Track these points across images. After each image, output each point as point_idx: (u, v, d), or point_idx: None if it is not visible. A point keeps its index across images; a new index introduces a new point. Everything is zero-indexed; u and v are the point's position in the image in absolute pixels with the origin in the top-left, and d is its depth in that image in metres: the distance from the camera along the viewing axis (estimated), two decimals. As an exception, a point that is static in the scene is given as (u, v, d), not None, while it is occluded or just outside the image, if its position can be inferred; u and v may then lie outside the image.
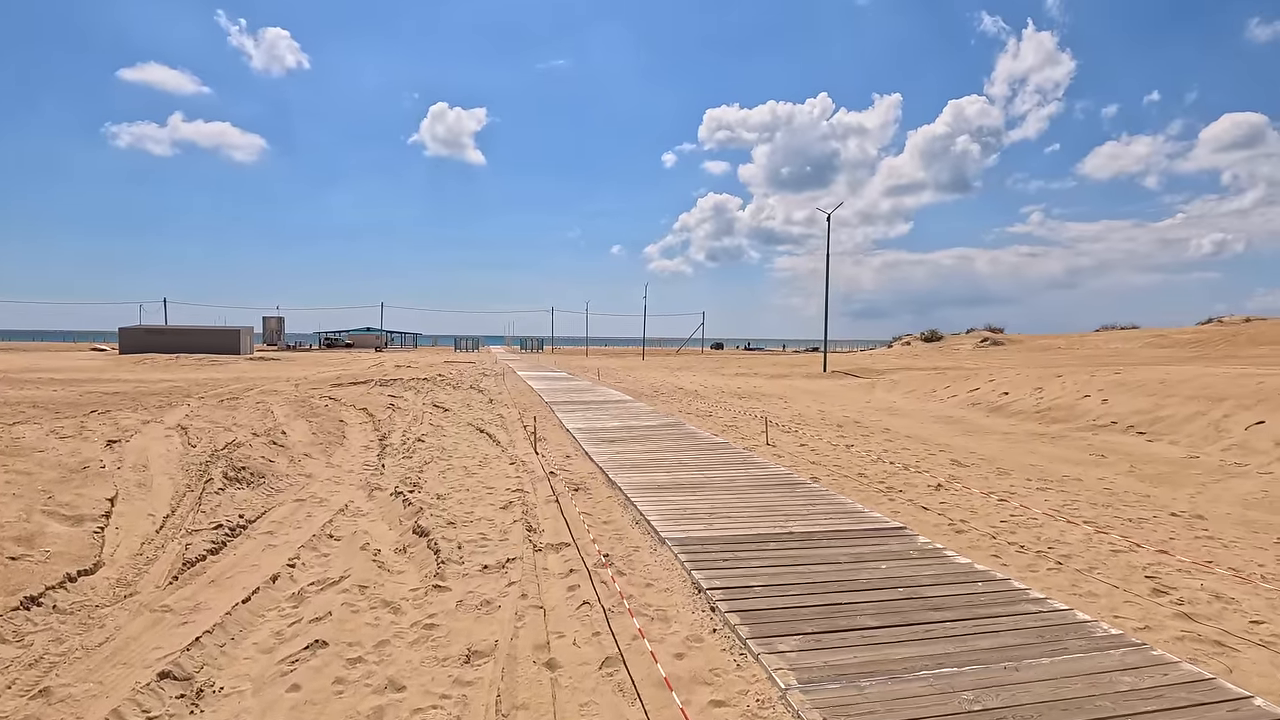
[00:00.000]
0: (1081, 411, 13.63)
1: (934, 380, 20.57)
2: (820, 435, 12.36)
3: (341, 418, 13.02)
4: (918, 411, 16.13)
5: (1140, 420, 12.28)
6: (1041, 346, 54.63)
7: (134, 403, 15.81)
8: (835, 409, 16.77)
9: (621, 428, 12.50)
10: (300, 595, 4.62)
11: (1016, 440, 11.85)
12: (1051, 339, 61.06)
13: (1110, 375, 15.40)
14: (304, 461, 9.04)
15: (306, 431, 10.91)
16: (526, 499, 7.29)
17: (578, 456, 9.89)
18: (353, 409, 14.69)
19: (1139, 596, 4.70)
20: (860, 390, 21.59)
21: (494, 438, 11.60)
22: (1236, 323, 53.84)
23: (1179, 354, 40.09)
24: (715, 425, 13.47)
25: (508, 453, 10.25)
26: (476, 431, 12.38)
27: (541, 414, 15.01)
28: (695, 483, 7.81)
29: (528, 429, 10.92)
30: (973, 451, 10.74)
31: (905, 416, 15.28)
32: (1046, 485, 8.28)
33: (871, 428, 13.45)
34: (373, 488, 7.80)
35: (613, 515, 6.70)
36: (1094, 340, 55.25)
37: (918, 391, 19.57)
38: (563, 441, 11.27)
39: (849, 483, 8.28)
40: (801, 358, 53.38)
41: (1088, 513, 6.96)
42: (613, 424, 13.01)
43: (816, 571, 4.95)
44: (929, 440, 11.90)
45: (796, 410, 16.47)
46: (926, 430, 13.16)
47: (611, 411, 15.14)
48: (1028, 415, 14.42)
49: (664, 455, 9.62)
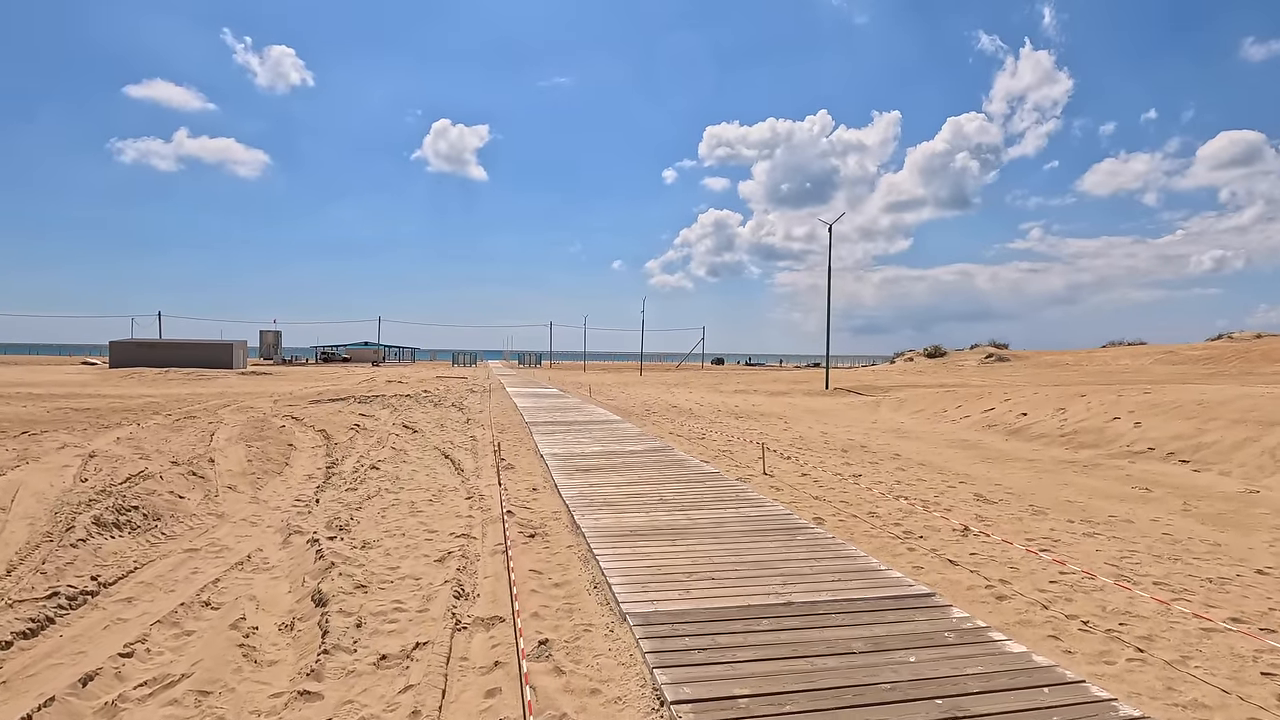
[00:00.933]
0: (1112, 435, 12.36)
1: (943, 399, 19.30)
2: (823, 462, 11.08)
3: (293, 441, 11.77)
4: (929, 434, 14.85)
5: (1181, 447, 11.00)
6: (1049, 363, 53.36)
7: (96, 420, 14.61)
8: (839, 431, 15.50)
9: (602, 453, 11.23)
10: (112, 710, 3.35)
11: (1044, 469, 10.57)
12: (1058, 355, 59.83)
13: (1140, 395, 14.13)
14: (224, 497, 7.78)
15: (242, 459, 9.66)
16: (470, 549, 6.02)
17: (545, 490, 8.62)
18: (311, 430, 13.44)
19: (1265, 709, 3.43)
20: (865, 409, 20.32)
21: (458, 465, 10.35)
22: (1247, 339, 52.63)
23: (1193, 371, 38.81)
24: (707, 450, 12.19)
25: (468, 484, 9.00)
26: (441, 457, 11.12)
27: (518, 436, 13.75)
28: (676, 527, 6.55)
29: (497, 455, 9.67)
30: (997, 483, 9.46)
31: (916, 440, 14.00)
32: (1093, 529, 7.01)
33: (880, 453, 12.18)
34: (293, 530, 6.54)
35: (569, 573, 5.43)
36: (1102, 356, 53.99)
37: (927, 411, 18.30)
38: (533, 469, 10.00)
39: (858, 526, 7.00)
40: (803, 374, 52.12)
41: (1153, 569, 5.68)
42: (593, 449, 11.74)
43: (823, 669, 3.68)
44: (945, 469, 10.62)
45: (797, 432, 15.20)
46: (941, 456, 11.88)
47: (595, 434, 13.88)
48: (1051, 439, 13.14)
49: (644, 489, 8.35)
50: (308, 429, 13.62)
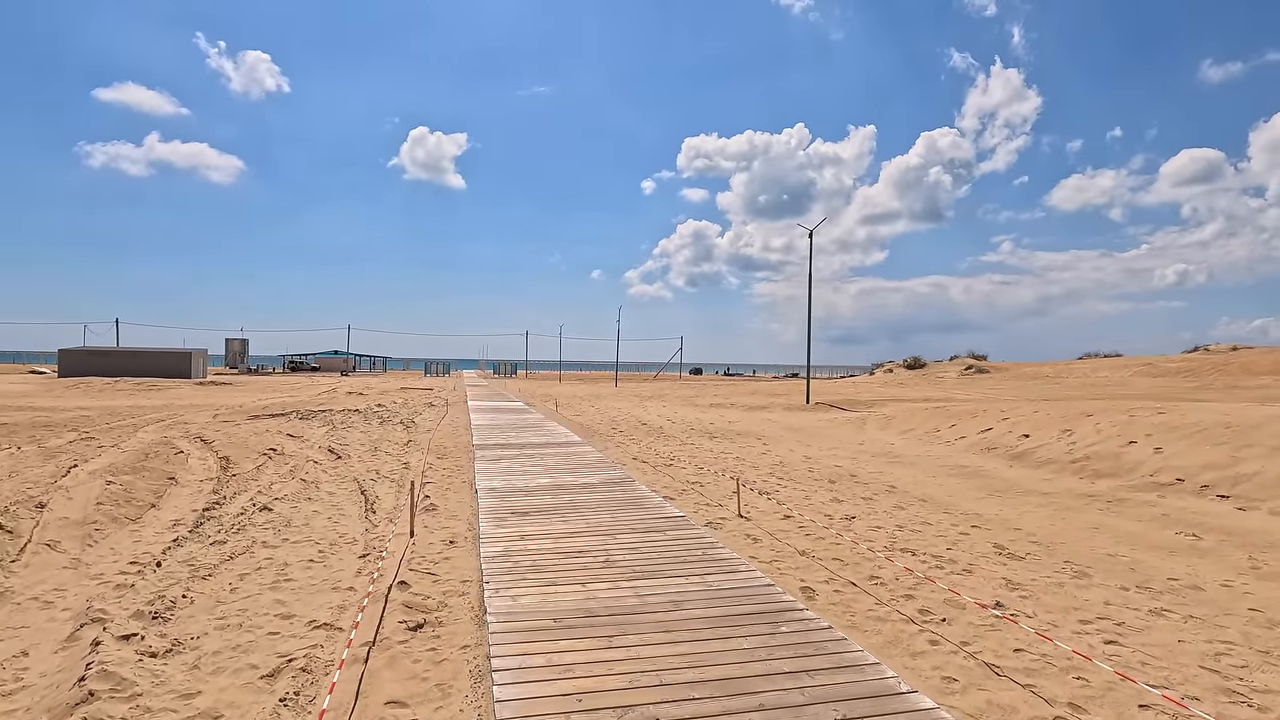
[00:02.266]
0: (1131, 463, 10.92)
1: (933, 417, 17.87)
2: (809, 498, 9.47)
3: (176, 474, 9.87)
4: (923, 458, 13.34)
5: (1217, 479, 9.57)
6: (1029, 374, 52.71)
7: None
8: (824, 454, 13.93)
9: (549, 488, 9.51)
10: None
11: (1064, 506, 9.06)
12: (1037, 366, 59.31)
13: (1155, 416, 12.76)
14: (29, 559, 5.93)
15: (92, 500, 7.76)
16: (321, 653, 4.27)
17: (464, 544, 6.88)
18: (214, 456, 11.52)
19: None
20: (850, 428, 18.81)
21: (372, 504, 8.56)
22: (1223, 351, 52.47)
23: (1176, 384, 38.14)
24: (674, 482, 10.52)
25: (374, 532, 7.23)
26: (357, 493, 9.33)
27: (458, 463, 11.96)
28: (618, 610, 4.86)
29: (414, 495, 7.91)
30: (1016, 527, 7.91)
31: (910, 465, 12.47)
32: (1157, 601, 5.45)
33: (873, 485, 10.61)
34: (92, 618, 4.74)
35: (446, 710, 3.71)
36: (1081, 368, 53.47)
37: (918, 430, 16.83)
38: (460, 511, 8.24)
39: (859, 601, 5.37)
40: (781, 386, 50.77)
41: (1267, 675, 4.12)
42: (540, 481, 10.01)
43: None
44: (950, 506, 9.07)
45: (778, 456, 13.60)
46: (942, 487, 10.34)
47: (548, 460, 12.14)
48: (1061, 466, 11.69)
49: (588, 542, 6.65)
50: (210, 454, 11.70)
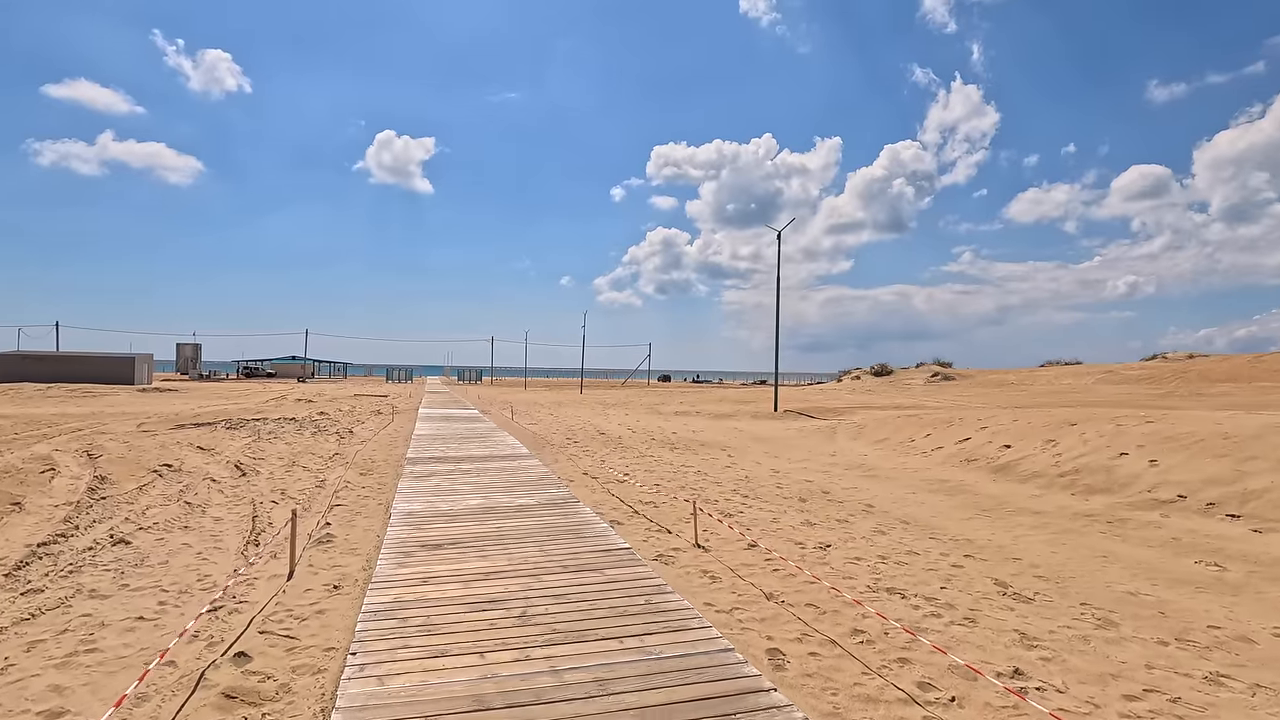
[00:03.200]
0: (1125, 477, 10.00)
1: (907, 426, 16.93)
2: (777, 520, 8.28)
3: (22, 498, 8.26)
4: (900, 471, 12.30)
5: (1223, 495, 8.66)
6: (994, 382, 52.80)
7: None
8: (793, 467, 12.80)
9: (477, 511, 8.15)
10: None
11: (1062, 528, 8.03)
12: (1001, 374, 59.56)
13: (1144, 426, 11.92)
14: None
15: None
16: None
17: (351, 588, 5.50)
18: (90, 473, 9.89)
19: None
20: (820, 437, 17.76)
21: (257, 533, 7.12)
22: (1180, 359, 53.26)
23: (1140, 391, 38.22)
24: (624, 502, 9.25)
25: (247, 572, 5.81)
26: (249, 519, 7.86)
27: (382, 480, 10.51)
28: (520, 700, 3.56)
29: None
30: (1014, 556, 6.82)
31: (887, 480, 11.40)
32: (1205, 661, 4.36)
33: (847, 502, 9.48)
34: None
35: None
36: (1045, 376, 53.75)
37: (891, 441, 15.84)
38: (362, 543, 6.85)
39: (843, 672, 4.16)
40: (749, 393, 49.88)
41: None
42: (469, 502, 8.65)
43: None
44: (936, 528, 7.97)
45: (744, 469, 12.42)
46: (924, 506, 9.26)
47: (485, 477, 10.77)
48: (1049, 480, 10.73)
49: (504, 588, 5.34)
50: (87, 471, 10.05)
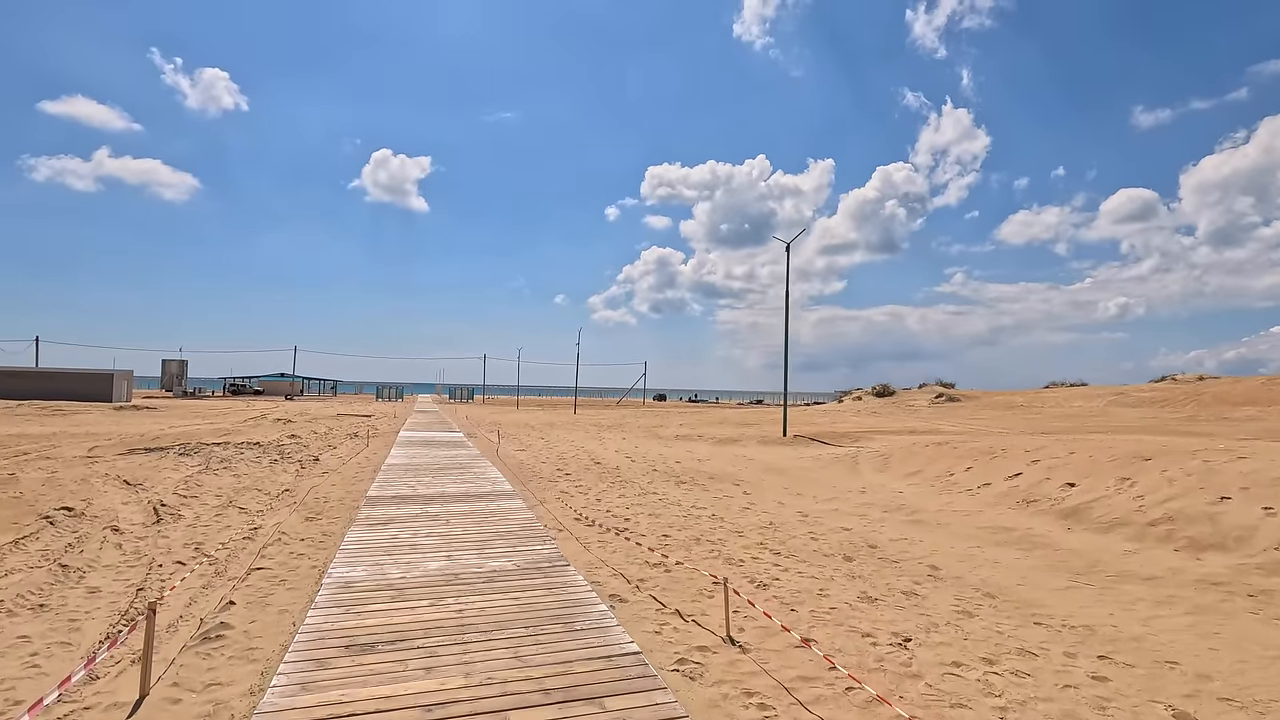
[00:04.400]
0: (1237, 529, 8.16)
1: (940, 457, 15.09)
2: (825, 590, 6.40)
3: None
4: (948, 515, 10.43)
5: (1389, 560, 6.82)
6: (1003, 404, 51.02)
7: None
8: (822, 509, 10.92)
9: (438, 580, 6.24)
10: None
11: (1195, 605, 6.17)
12: (1009, 395, 57.87)
13: (1238, 462, 10.11)
14: None
15: None
16: None
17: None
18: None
19: None
20: (842, 469, 15.89)
21: (133, 616, 5.20)
22: (1190, 381, 51.72)
23: (1159, 414, 36.55)
24: (628, 562, 7.34)
25: (67, 700, 3.91)
26: (133, 590, 5.94)
27: (329, 528, 8.58)
28: None
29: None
30: (1166, 658, 4.95)
31: (938, 528, 9.53)
32: None
33: (902, 560, 7.61)
34: None
35: None
36: (1051, 397, 52.08)
37: (925, 474, 13.99)
38: (269, 636, 4.94)
39: None
40: (750, 414, 47.98)
41: None
42: (429, 566, 6.73)
43: None
44: (1033, 605, 6.10)
45: (766, 512, 10.53)
46: (1001, 567, 7.39)
47: (456, 524, 8.86)
48: (1138, 531, 8.88)
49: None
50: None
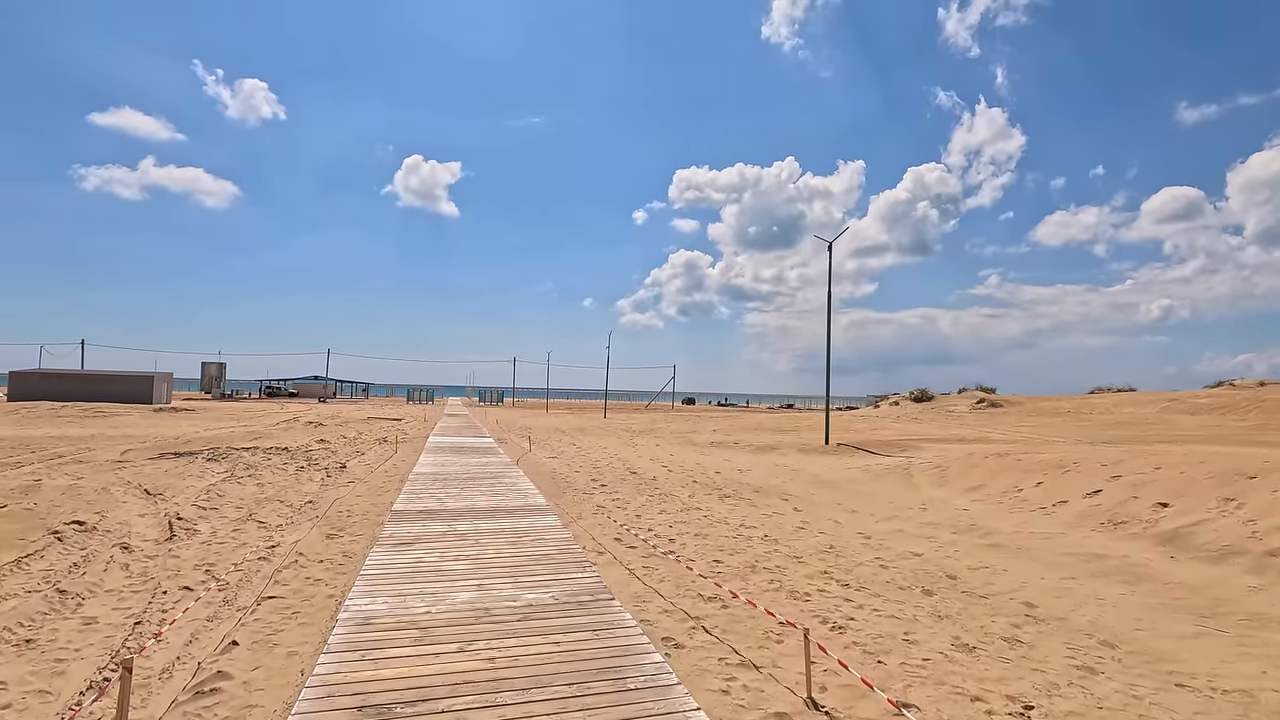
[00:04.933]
0: (1385, 564, 7.00)
1: (1004, 470, 13.96)
2: (911, 635, 5.49)
3: None
4: (1026, 537, 9.38)
5: None
6: (1049, 409, 48.91)
7: None
8: (885, 530, 9.95)
9: (467, 616, 5.49)
10: None
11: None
12: (1053, 401, 55.61)
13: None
14: None
15: None
16: None
17: None
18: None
19: None
20: (895, 482, 14.84)
21: (118, 668, 4.55)
22: (1250, 386, 49.05)
23: (1225, 423, 34.52)
24: (679, 592, 6.50)
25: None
26: (121, 635, 5.31)
27: (350, 547, 7.91)
28: None
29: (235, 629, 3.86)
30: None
31: (1020, 554, 8.50)
32: None
33: (990, 595, 6.64)
34: None
35: None
36: (1098, 403, 49.85)
37: (989, 489, 12.90)
38: (268, 694, 4.23)
39: None
40: (784, 419, 46.76)
41: None
42: (457, 599, 5.99)
43: None
44: (1164, 657, 5.11)
45: (822, 532, 9.61)
46: (1107, 605, 6.38)
47: (486, 544, 8.13)
48: (1257, 561, 7.76)
49: None
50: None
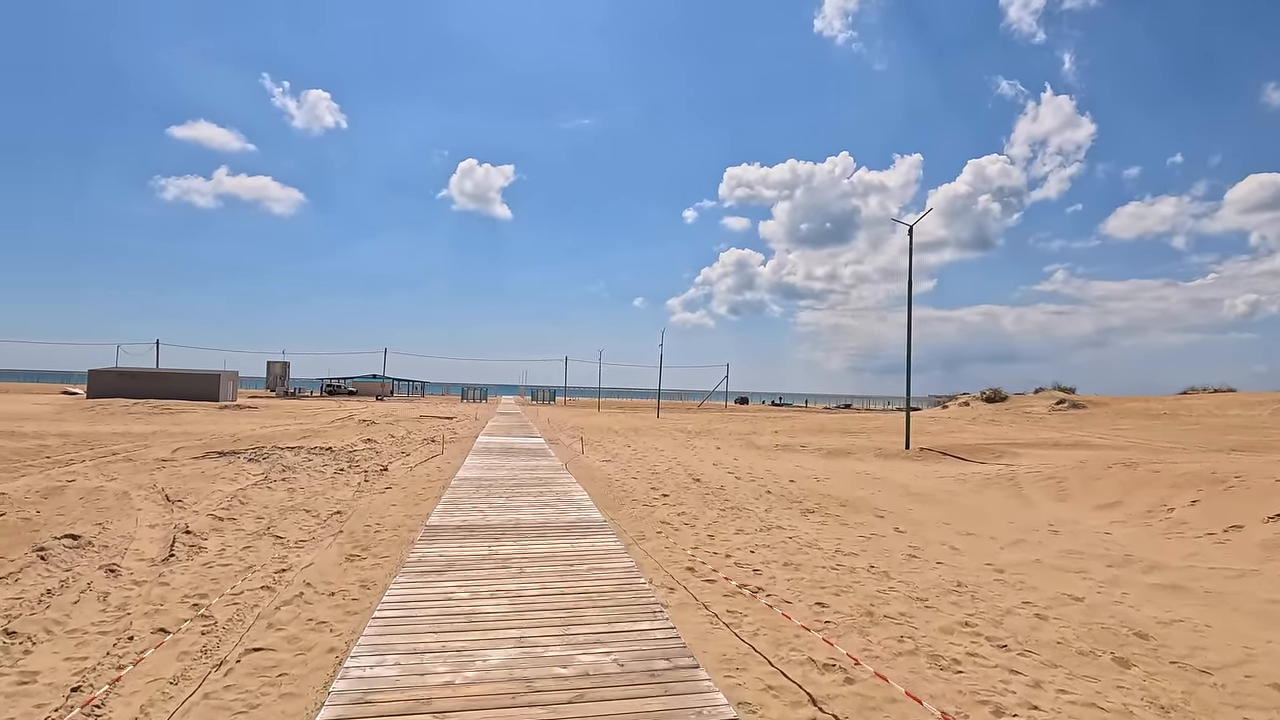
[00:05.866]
0: None
1: (1141, 484, 11.76)
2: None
3: None
4: (1206, 575, 7.34)
5: None
6: (1138, 411, 44.73)
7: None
8: (1019, 562, 8.05)
9: (502, 689, 4.03)
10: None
11: None
12: (1140, 402, 51.11)
13: None
14: None
15: None
16: None
17: None
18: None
19: None
20: (1005, 498, 12.77)
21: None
22: (1375, 387, 43.90)
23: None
24: (792, 665, 4.88)
25: None
26: (59, 701, 4.05)
27: (371, 574, 6.58)
28: None
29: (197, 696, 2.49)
30: None
31: (1215, 602, 6.52)
32: None
33: (1215, 671, 4.79)
34: None
35: None
36: (1195, 404, 45.32)
37: (1130, 510, 10.77)
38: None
39: None
40: (849, 420, 44.21)
41: None
42: (490, 658, 4.55)
43: None
44: None
45: (944, 565, 7.80)
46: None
47: (532, 578, 6.68)
48: None
49: None
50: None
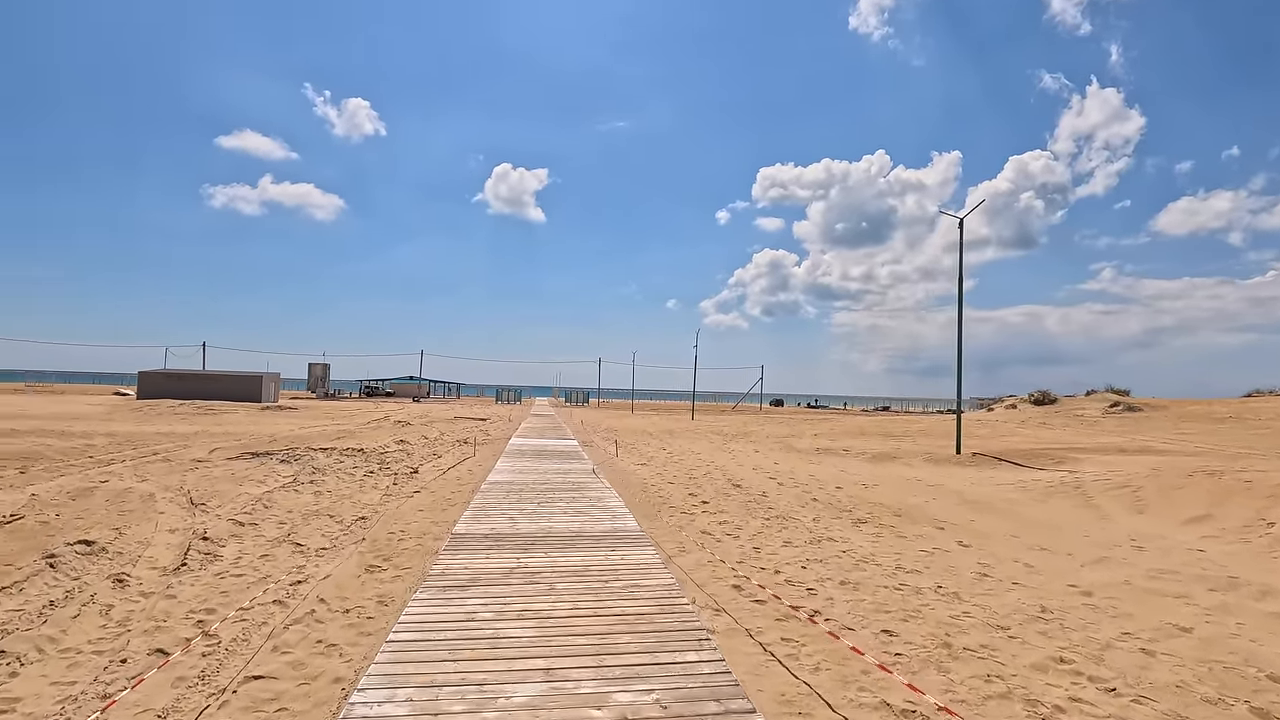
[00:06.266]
0: None
1: (1227, 496, 10.68)
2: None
3: None
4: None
5: None
6: (1201, 414, 42.28)
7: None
8: (1108, 583, 7.18)
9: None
10: None
11: None
12: (1202, 405, 48.42)
13: None
14: None
15: None
16: None
17: None
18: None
19: None
20: (1073, 509, 11.78)
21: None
22: None
23: None
24: (862, 711, 4.22)
25: None
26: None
27: (390, 587, 6.09)
28: None
29: None
30: None
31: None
32: None
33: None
34: None
35: None
36: (1265, 408, 42.63)
37: (1221, 524, 9.74)
38: None
39: None
40: (890, 423, 42.83)
41: None
42: (515, 695, 3.98)
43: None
44: None
45: (1020, 586, 6.98)
46: None
47: (563, 596, 6.11)
48: None
49: None
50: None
